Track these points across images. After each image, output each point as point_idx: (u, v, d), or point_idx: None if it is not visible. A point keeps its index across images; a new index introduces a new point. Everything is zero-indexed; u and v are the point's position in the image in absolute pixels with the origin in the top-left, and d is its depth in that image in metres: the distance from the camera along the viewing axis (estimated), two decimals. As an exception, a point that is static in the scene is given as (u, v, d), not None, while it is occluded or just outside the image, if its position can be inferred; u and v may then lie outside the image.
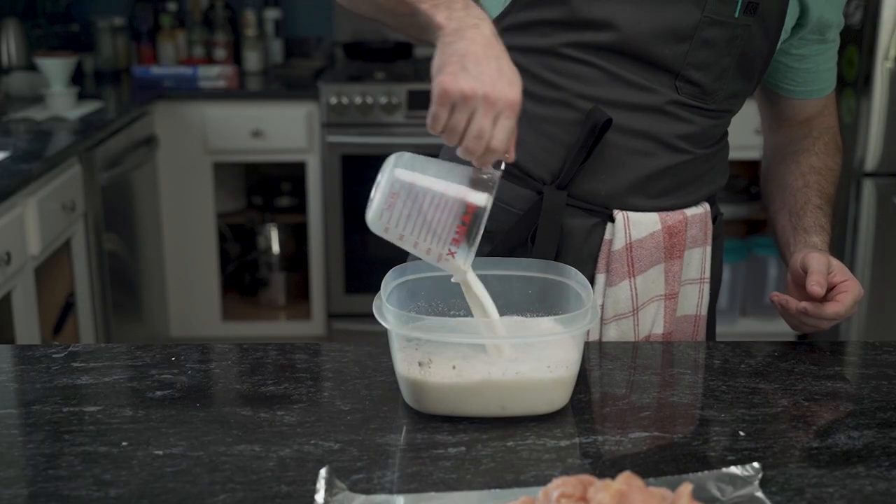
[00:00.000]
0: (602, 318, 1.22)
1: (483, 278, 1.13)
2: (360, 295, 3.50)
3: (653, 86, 1.25)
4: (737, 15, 1.23)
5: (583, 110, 1.24)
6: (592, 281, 1.28)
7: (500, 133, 0.99)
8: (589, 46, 1.23)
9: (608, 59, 1.24)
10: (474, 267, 1.07)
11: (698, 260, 1.35)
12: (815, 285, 1.21)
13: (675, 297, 1.33)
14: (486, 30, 1.02)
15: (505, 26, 1.27)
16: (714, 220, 1.37)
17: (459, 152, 1.01)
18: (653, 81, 1.25)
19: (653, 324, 1.33)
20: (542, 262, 1.17)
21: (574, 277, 1.12)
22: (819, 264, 1.23)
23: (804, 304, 1.23)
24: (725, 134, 1.38)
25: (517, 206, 1.29)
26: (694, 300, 1.36)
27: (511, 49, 1.25)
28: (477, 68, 0.99)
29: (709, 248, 1.35)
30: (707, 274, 1.36)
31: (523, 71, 1.25)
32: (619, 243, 1.28)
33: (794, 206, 1.37)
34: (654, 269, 1.30)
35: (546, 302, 1.14)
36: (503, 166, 1.04)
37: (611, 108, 1.23)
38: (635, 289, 1.28)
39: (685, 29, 1.22)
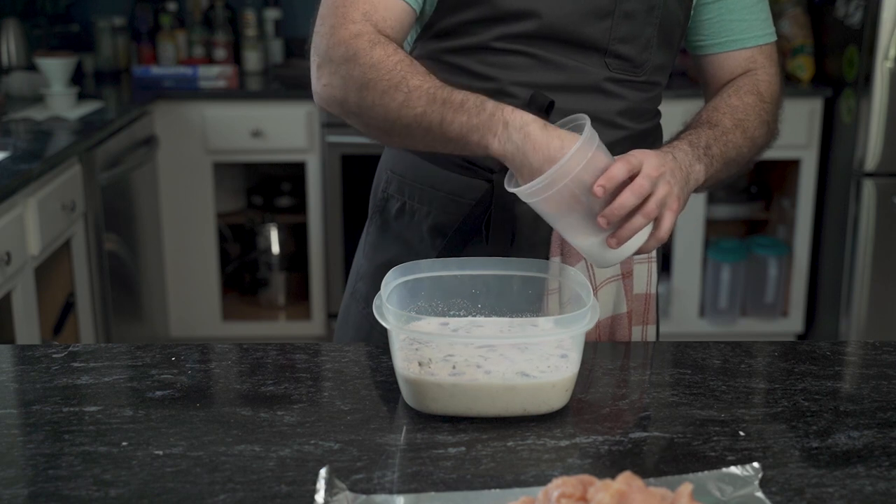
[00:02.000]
0: (561, 303, 1.22)
1: (483, 278, 1.14)
2: (360, 295, 3.51)
3: (584, 66, 1.28)
4: None
5: (520, 97, 1.27)
6: None
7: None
8: (517, 36, 1.26)
9: (538, 46, 1.27)
10: (474, 268, 1.11)
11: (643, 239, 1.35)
12: (598, 187, 1.08)
13: (630, 276, 1.36)
14: (533, 127, 1.09)
15: (433, 34, 1.31)
16: None
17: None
18: (583, 61, 1.28)
19: (615, 304, 1.35)
20: (542, 262, 1.17)
21: (574, 278, 1.13)
22: (621, 163, 1.10)
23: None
24: (658, 114, 1.41)
25: (468, 197, 1.31)
26: (644, 278, 1.38)
27: (446, 51, 1.31)
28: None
29: (649, 229, 1.36)
30: (654, 253, 1.38)
31: (459, 68, 1.30)
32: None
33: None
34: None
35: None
36: None
37: (547, 92, 1.26)
38: (591, 269, 1.28)
39: (605, 5, 1.26)
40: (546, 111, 1.24)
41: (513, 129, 1.09)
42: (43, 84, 3.11)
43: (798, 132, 3.40)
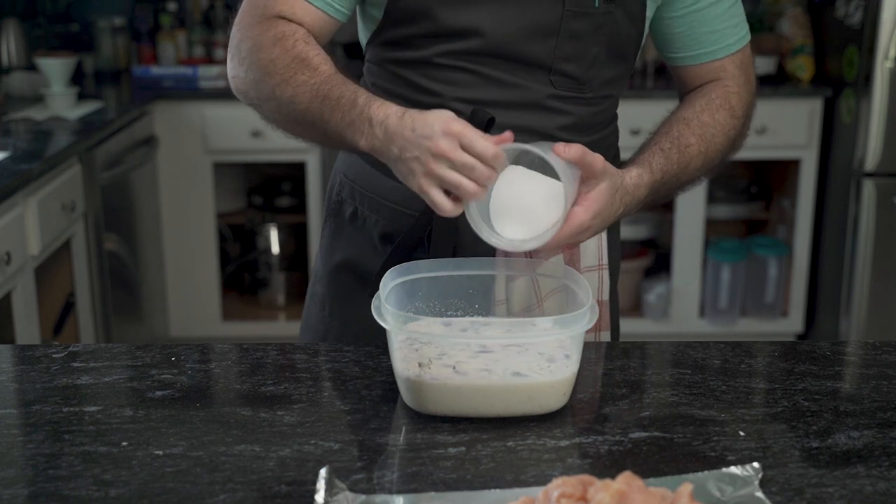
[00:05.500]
0: (510, 313, 1.23)
1: (480, 278, 1.14)
2: (359, 295, 3.50)
3: (528, 83, 1.28)
4: (596, 5, 1.25)
5: (462, 113, 1.25)
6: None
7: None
8: (460, 53, 1.26)
9: (481, 63, 1.27)
10: (472, 268, 1.13)
11: (594, 247, 1.35)
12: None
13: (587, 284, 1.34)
14: (392, 120, 1.11)
15: (381, 42, 1.31)
16: None
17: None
18: (527, 79, 1.28)
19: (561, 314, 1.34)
20: (531, 262, 1.17)
21: (572, 277, 1.13)
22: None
23: None
24: (614, 118, 1.40)
25: (412, 208, 1.31)
26: (594, 286, 1.36)
27: (392, 62, 1.31)
28: (411, 151, 1.08)
29: (604, 236, 1.36)
30: (605, 261, 1.37)
31: (404, 80, 1.31)
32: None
33: (644, 144, 1.32)
34: (553, 259, 1.30)
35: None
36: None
37: (490, 108, 1.25)
38: (536, 281, 1.26)
39: (550, 25, 1.25)
40: (486, 127, 1.23)
41: (376, 126, 1.12)
42: (43, 84, 3.11)
43: (798, 132, 3.40)
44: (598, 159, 1.11)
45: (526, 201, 1.09)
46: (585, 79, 1.30)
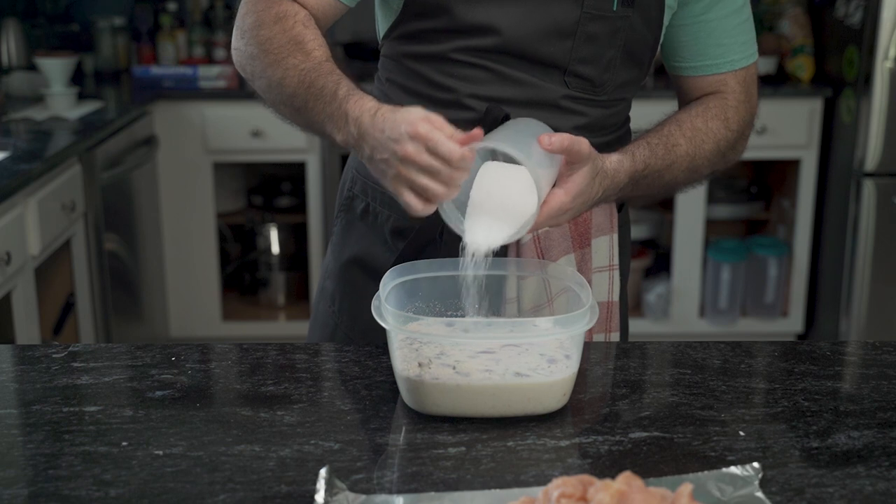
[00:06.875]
0: (521, 310, 1.23)
1: (481, 279, 1.14)
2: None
3: (543, 83, 1.28)
4: (615, 8, 1.25)
5: (476, 110, 1.27)
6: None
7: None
8: (476, 50, 1.26)
9: (496, 61, 1.27)
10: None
11: (606, 247, 1.36)
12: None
13: (588, 285, 1.34)
14: (365, 118, 1.10)
15: (397, 35, 1.32)
16: (619, 208, 1.38)
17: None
18: (542, 78, 1.28)
19: None
20: (541, 263, 1.17)
21: (572, 277, 1.13)
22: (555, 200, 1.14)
23: None
24: (627, 120, 1.40)
25: None
26: (605, 287, 1.37)
27: (407, 56, 1.31)
28: (381, 153, 1.07)
29: (615, 236, 1.37)
30: (616, 261, 1.37)
31: (419, 75, 1.30)
32: (526, 235, 1.27)
33: (634, 138, 1.33)
34: (564, 259, 1.31)
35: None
36: None
37: (504, 106, 1.26)
38: (547, 280, 1.27)
39: (567, 26, 1.25)
40: (501, 124, 1.23)
41: (350, 123, 1.11)
42: (43, 84, 3.11)
43: (798, 132, 3.40)
44: (584, 145, 1.11)
45: (500, 198, 1.08)
46: (600, 81, 1.30)
